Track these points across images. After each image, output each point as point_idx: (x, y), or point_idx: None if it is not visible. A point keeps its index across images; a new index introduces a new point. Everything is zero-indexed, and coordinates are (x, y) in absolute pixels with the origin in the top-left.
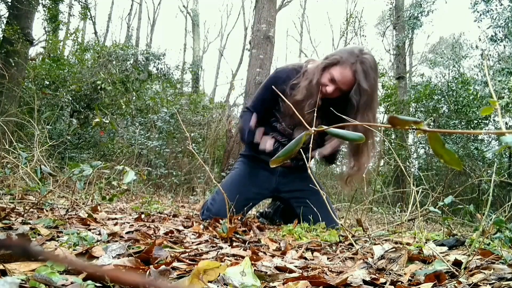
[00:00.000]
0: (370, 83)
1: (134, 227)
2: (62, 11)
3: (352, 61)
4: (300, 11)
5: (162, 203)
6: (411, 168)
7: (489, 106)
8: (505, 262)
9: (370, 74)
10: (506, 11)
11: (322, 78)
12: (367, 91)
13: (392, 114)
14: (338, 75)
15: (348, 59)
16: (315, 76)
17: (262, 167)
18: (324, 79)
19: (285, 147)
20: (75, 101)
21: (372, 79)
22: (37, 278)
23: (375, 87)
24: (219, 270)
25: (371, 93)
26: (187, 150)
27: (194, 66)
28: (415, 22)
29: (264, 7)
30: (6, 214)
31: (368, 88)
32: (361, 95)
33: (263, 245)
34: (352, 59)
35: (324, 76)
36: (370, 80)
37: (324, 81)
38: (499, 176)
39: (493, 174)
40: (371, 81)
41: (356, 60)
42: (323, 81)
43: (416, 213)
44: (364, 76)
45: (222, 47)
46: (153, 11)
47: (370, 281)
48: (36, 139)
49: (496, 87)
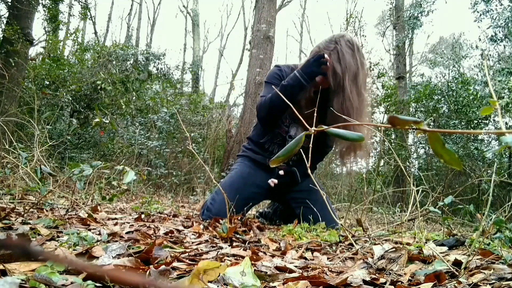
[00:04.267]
0: (343, 65)
1: (134, 227)
2: (62, 11)
3: (331, 48)
4: (300, 11)
5: (162, 203)
6: (411, 168)
7: (489, 106)
8: (505, 262)
9: (344, 56)
10: (506, 11)
11: None
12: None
13: (392, 114)
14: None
15: (326, 47)
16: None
17: (261, 167)
18: None
19: (285, 147)
20: (75, 101)
21: (348, 59)
22: (37, 278)
23: (351, 67)
24: (219, 270)
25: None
26: (187, 150)
27: (194, 66)
28: (415, 22)
29: (264, 7)
30: (6, 214)
31: (340, 71)
32: (335, 78)
33: (263, 245)
34: (330, 46)
35: None
36: (345, 62)
37: None
38: (499, 176)
39: (493, 174)
40: (345, 62)
41: (334, 46)
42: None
43: (416, 213)
44: (338, 60)
45: (222, 47)
46: (153, 11)
47: (370, 281)
48: (36, 139)
49: (496, 87)
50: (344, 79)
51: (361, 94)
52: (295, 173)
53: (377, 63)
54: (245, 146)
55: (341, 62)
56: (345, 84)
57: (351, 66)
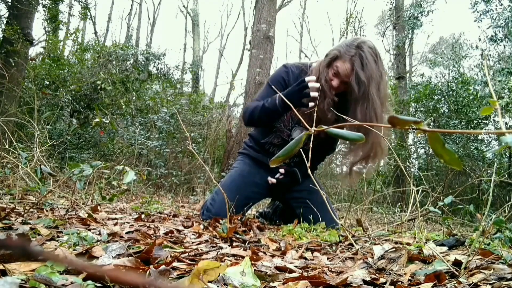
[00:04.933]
0: (368, 73)
1: (134, 227)
2: (62, 11)
3: (352, 53)
4: (300, 11)
5: (162, 203)
6: (411, 168)
7: (489, 106)
8: (505, 262)
9: (368, 64)
10: (506, 11)
11: (327, 74)
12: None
13: (392, 114)
14: (339, 69)
15: (347, 52)
16: (322, 74)
17: (261, 166)
18: (329, 74)
19: (285, 147)
20: (75, 101)
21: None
22: (37, 278)
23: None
24: (219, 270)
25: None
26: (187, 150)
27: (194, 66)
28: (415, 22)
29: (264, 7)
30: (6, 214)
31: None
32: (359, 86)
33: (263, 245)
34: (351, 51)
35: (329, 72)
36: (369, 70)
37: (329, 76)
38: (499, 176)
39: (493, 174)
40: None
41: (355, 51)
42: (330, 76)
43: (416, 213)
44: (361, 66)
45: (222, 47)
46: (153, 11)
47: (370, 281)
48: (36, 139)
49: (496, 87)
50: (369, 87)
51: (384, 104)
52: (296, 173)
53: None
54: (246, 143)
55: (364, 69)
56: (370, 92)
57: (374, 74)
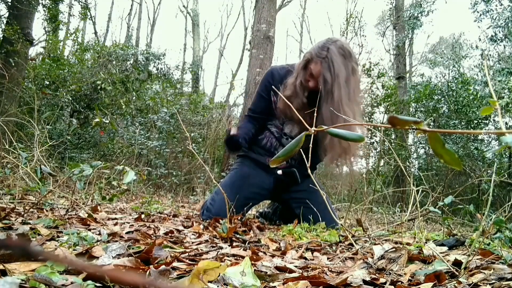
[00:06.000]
0: (334, 71)
1: (134, 227)
2: (62, 11)
3: (323, 55)
4: (300, 11)
5: (162, 203)
6: (411, 168)
7: (489, 106)
8: (505, 262)
9: (335, 63)
10: (506, 11)
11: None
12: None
13: (392, 114)
14: (312, 71)
15: (318, 54)
16: (299, 76)
17: (261, 167)
18: (306, 75)
19: (285, 147)
20: (75, 101)
21: (339, 66)
22: (37, 278)
23: (342, 73)
24: (219, 270)
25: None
26: (187, 150)
27: (194, 66)
28: (415, 22)
29: (264, 7)
30: (6, 214)
31: (330, 78)
32: (324, 85)
33: (263, 245)
34: (322, 53)
35: (306, 73)
36: (336, 68)
37: (306, 77)
38: (499, 176)
39: (493, 174)
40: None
41: (326, 53)
42: (306, 78)
43: (416, 213)
44: (328, 67)
45: (222, 47)
46: (153, 11)
47: (370, 281)
48: (36, 139)
49: (496, 87)
50: (334, 85)
51: (352, 101)
52: (295, 173)
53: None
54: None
55: (330, 69)
56: (335, 90)
57: (342, 72)
